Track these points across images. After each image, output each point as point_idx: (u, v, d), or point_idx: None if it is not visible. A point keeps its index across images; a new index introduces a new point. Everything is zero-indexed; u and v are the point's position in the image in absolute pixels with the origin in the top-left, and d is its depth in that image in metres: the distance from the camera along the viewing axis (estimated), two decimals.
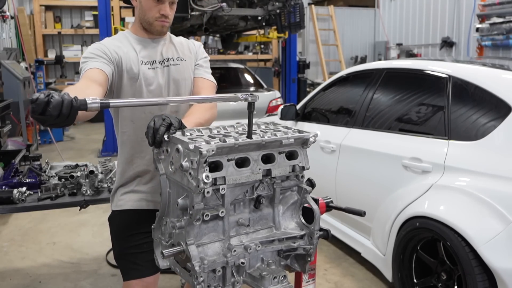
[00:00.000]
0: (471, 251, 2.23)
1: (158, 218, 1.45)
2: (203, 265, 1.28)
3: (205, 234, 1.34)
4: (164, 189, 1.41)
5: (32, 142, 6.91)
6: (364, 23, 12.27)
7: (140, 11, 1.83)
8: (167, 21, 1.82)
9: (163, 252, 1.33)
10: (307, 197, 1.46)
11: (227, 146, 1.27)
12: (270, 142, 1.35)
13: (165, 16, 1.80)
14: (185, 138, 1.31)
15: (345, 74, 3.80)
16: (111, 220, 1.93)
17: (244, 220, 1.39)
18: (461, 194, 2.42)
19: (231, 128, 1.48)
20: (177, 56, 1.88)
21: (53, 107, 1.11)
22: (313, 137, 1.43)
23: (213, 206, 1.32)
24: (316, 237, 1.45)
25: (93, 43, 1.83)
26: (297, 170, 1.43)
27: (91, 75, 1.64)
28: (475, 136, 2.49)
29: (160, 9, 1.78)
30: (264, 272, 1.36)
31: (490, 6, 8.57)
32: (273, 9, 6.40)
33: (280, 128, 1.50)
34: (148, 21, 1.81)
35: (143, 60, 1.81)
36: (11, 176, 2.87)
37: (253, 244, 1.35)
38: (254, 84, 7.34)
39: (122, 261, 1.87)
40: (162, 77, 1.83)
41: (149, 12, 1.79)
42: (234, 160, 1.31)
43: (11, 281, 3.25)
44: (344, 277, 3.26)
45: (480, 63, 3.15)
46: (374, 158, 3.05)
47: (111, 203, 1.95)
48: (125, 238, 1.85)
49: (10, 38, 8.92)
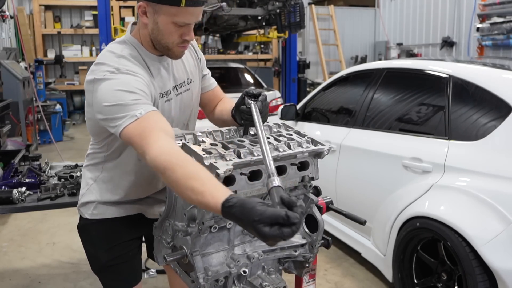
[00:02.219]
0: (472, 251, 2.23)
1: (161, 219, 1.44)
2: (207, 277, 1.26)
3: (210, 244, 1.33)
4: (170, 193, 1.39)
5: (32, 142, 6.90)
6: (364, 23, 12.26)
7: (155, 32, 1.46)
8: (188, 46, 1.53)
9: (165, 257, 1.32)
10: (313, 207, 1.45)
11: (243, 163, 1.25)
12: (285, 157, 1.33)
13: (188, 41, 1.48)
14: (199, 149, 1.26)
15: (345, 74, 3.79)
16: (88, 229, 1.70)
17: None
18: (462, 194, 2.41)
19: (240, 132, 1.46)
20: (186, 77, 1.64)
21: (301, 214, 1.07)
22: (327, 150, 1.41)
23: (221, 218, 1.29)
24: (317, 247, 1.44)
25: (112, 58, 1.46)
26: (306, 180, 1.42)
27: (162, 124, 1.33)
28: (475, 136, 2.48)
29: (183, 34, 1.45)
30: (265, 283, 1.36)
31: (490, 6, 8.55)
32: (273, 8, 6.40)
33: (292, 134, 1.47)
34: (167, 46, 1.47)
35: (161, 92, 1.53)
36: (11, 176, 2.86)
37: (256, 254, 1.34)
38: (254, 84, 7.33)
39: (106, 274, 1.72)
40: (175, 108, 1.60)
41: (169, 37, 1.45)
42: (247, 175, 1.28)
43: (11, 281, 3.24)
44: (345, 277, 3.25)
45: (481, 63, 3.15)
46: (374, 158, 3.04)
47: (82, 209, 1.71)
48: (108, 249, 1.67)
49: (10, 38, 8.92)
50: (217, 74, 7.42)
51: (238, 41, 9.54)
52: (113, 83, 1.38)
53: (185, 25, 1.44)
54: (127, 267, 1.70)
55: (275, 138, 1.43)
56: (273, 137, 1.44)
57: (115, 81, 1.38)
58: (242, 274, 1.33)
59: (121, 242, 1.68)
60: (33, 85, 7.51)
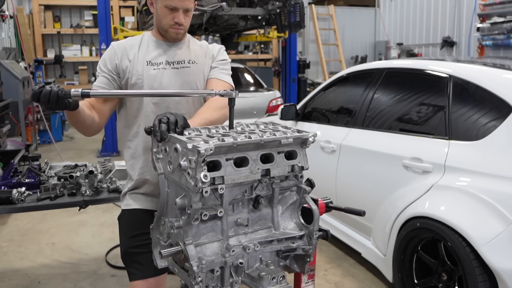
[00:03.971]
0: (472, 251, 2.22)
1: (157, 218, 1.45)
2: (201, 265, 1.27)
3: (204, 234, 1.33)
4: (162, 189, 1.40)
5: (31, 142, 6.90)
6: (364, 22, 12.26)
7: (156, 18, 1.87)
8: (182, 28, 1.86)
9: (161, 252, 1.32)
10: (306, 197, 1.45)
11: (226, 145, 1.27)
12: (269, 142, 1.34)
13: (179, 24, 1.83)
14: (184, 138, 1.31)
15: (346, 74, 3.79)
16: (120, 219, 1.96)
17: (243, 220, 1.39)
18: (462, 194, 2.41)
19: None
20: (189, 59, 1.91)
21: (43, 95, 1.47)
22: (312, 137, 1.42)
23: (212, 206, 1.31)
24: (315, 238, 1.44)
25: (113, 42, 1.95)
26: (296, 170, 1.42)
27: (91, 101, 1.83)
28: (476, 136, 2.48)
29: (174, 17, 1.82)
30: (263, 273, 1.36)
31: (491, 6, 8.56)
32: (273, 8, 6.40)
33: (279, 128, 1.49)
34: (163, 28, 1.86)
35: (149, 61, 1.86)
36: (10, 176, 2.86)
37: (251, 245, 1.34)
38: (254, 84, 7.33)
39: (127, 260, 1.88)
40: (167, 78, 1.86)
41: (164, 20, 1.84)
42: (232, 159, 1.30)
43: (10, 281, 3.24)
44: (345, 277, 3.25)
45: (481, 63, 3.15)
46: (374, 158, 3.04)
47: (122, 202, 2.00)
48: (131, 237, 1.87)
49: (9, 38, 8.91)
50: None
51: (238, 41, 9.55)
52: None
53: (175, 9, 1.80)
54: (147, 257, 1.77)
55: (261, 130, 1.46)
56: (259, 130, 1.47)
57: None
58: (239, 265, 1.33)
59: (142, 233, 1.80)
60: (32, 85, 7.50)
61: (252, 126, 1.53)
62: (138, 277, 1.82)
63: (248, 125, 1.54)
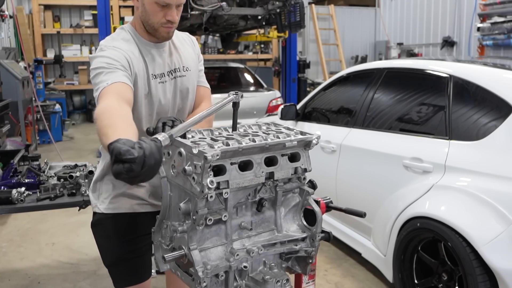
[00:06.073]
0: (472, 251, 2.22)
1: (159, 221, 1.43)
2: (206, 270, 1.26)
3: (208, 238, 1.32)
4: (165, 192, 1.38)
5: (31, 142, 6.90)
6: (364, 22, 12.25)
7: (143, 14, 1.63)
8: (173, 27, 1.66)
9: (164, 256, 1.31)
10: (309, 199, 1.45)
11: (231, 150, 1.25)
12: (273, 145, 1.33)
13: (171, 22, 1.62)
14: (188, 142, 1.28)
15: (346, 74, 3.79)
16: (100, 223, 1.76)
17: (247, 224, 1.38)
18: (462, 195, 2.40)
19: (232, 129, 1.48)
20: (182, 65, 1.76)
21: (149, 156, 1.06)
22: (316, 139, 1.42)
23: (216, 210, 1.30)
24: (318, 240, 1.43)
25: (106, 40, 1.66)
26: (299, 172, 1.42)
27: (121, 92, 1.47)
28: (476, 136, 2.48)
29: (166, 15, 1.60)
30: (267, 276, 1.35)
31: (491, 6, 8.55)
32: (273, 8, 6.38)
33: (282, 129, 1.48)
34: (153, 26, 1.63)
35: (153, 74, 1.67)
36: (10, 176, 2.86)
37: (255, 248, 1.34)
38: (254, 84, 7.32)
39: (119, 268, 1.77)
40: (170, 91, 1.73)
41: (154, 17, 1.61)
42: (237, 163, 1.29)
43: (10, 281, 3.24)
44: (345, 277, 3.24)
45: (481, 63, 3.14)
46: (374, 158, 3.04)
47: (96, 202, 1.77)
48: (122, 243, 1.73)
49: (9, 38, 8.90)
50: (217, 74, 7.42)
51: (238, 40, 9.53)
52: (100, 55, 1.59)
53: (167, 6, 1.59)
54: (140, 262, 1.75)
55: (264, 132, 1.45)
56: (262, 131, 1.46)
57: (101, 55, 1.59)
58: (243, 269, 1.33)
59: (134, 237, 1.73)
60: (32, 85, 7.50)
61: (254, 127, 1.53)
62: (132, 282, 1.76)
63: (250, 126, 1.53)
